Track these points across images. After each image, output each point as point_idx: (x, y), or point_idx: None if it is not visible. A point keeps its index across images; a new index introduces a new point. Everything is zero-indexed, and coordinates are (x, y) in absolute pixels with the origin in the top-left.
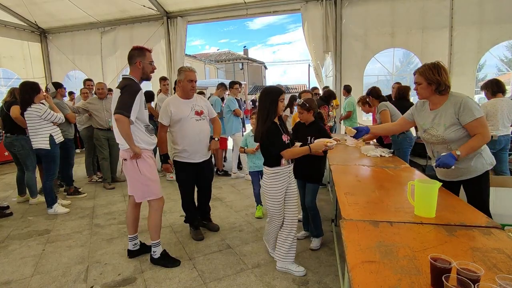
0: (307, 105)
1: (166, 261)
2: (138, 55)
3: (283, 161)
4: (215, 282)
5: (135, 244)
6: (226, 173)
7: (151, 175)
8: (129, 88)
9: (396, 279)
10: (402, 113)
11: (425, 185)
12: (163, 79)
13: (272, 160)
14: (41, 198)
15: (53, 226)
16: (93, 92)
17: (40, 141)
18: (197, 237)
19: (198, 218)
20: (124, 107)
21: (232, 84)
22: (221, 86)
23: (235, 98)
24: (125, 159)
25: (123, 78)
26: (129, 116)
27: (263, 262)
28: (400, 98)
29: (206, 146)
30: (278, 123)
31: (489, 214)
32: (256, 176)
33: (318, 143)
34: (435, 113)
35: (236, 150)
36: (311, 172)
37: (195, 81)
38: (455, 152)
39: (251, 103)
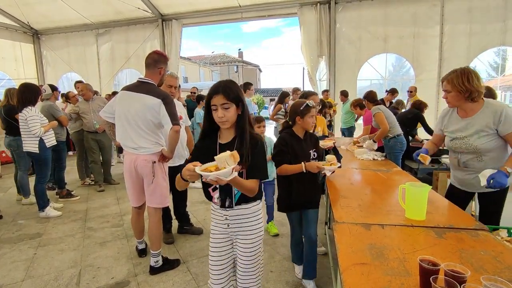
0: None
1: (170, 264)
2: (163, 61)
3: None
4: None
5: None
6: None
7: (168, 182)
8: (171, 100)
9: (386, 281)
10: (407, 124)
11: (415, 188)
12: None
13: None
14: (33, 199)
15: (45, 230)
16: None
17: (30, 144)
18: (167, 241)
19: (170, 222)
20: (177, 118)
21: (248, 85)
22: None
23: None
24: (154, 162)
25: (146, 82)
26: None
27: None
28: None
29: (177, 153)
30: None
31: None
32: (271, 185)
33: (312, 164)
34: (467, 121)
35: None
36: (311, 195)
37: (175, 87)
38: (505, 169)
39: None
